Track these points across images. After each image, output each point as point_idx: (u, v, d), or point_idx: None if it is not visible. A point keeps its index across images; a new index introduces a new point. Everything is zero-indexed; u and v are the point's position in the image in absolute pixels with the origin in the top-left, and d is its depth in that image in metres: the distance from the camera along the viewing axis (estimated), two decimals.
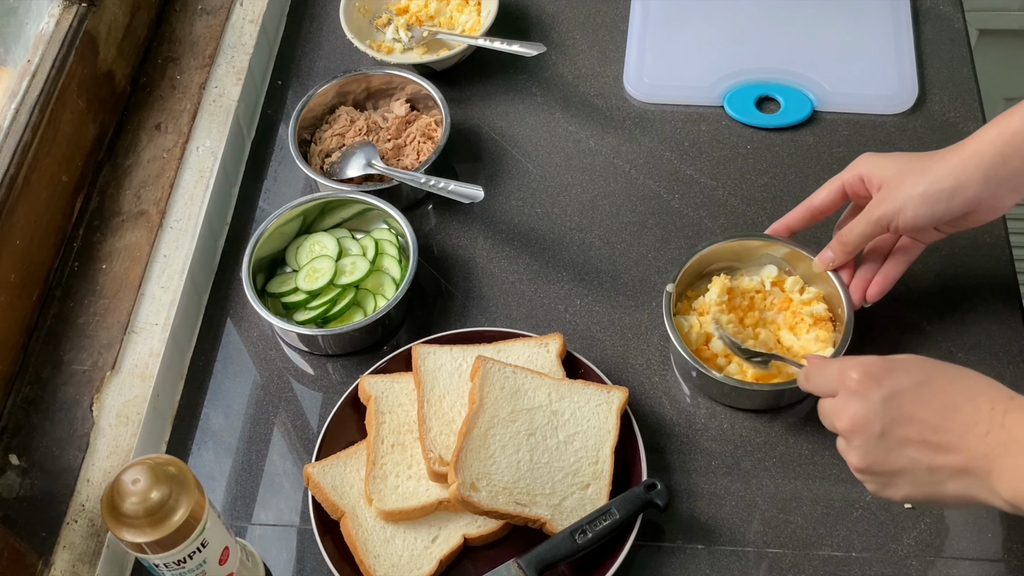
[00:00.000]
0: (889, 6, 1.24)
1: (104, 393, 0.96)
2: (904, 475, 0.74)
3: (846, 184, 0.94)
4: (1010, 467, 0.69)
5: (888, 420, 0.73)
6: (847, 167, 0.94)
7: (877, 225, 0.90)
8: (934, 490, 0.73)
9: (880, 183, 0.90)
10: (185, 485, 0.75)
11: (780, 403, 0.97)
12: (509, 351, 0.97)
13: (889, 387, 0.74)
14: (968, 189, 0.86)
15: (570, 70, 1.23)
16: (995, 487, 0.69)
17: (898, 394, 0.74)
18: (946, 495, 0.73)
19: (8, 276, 0.94)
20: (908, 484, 0.74)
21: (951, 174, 0.86)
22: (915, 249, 0.95)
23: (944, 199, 0.87)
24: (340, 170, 1.12)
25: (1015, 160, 0.85)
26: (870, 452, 0.75)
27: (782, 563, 0.89)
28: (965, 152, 0.87)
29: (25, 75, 1.01)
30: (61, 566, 0.86)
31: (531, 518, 0.86)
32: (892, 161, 0.91)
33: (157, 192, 1.09)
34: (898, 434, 0.73)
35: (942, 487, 0.72)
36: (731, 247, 1.00)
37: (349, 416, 0.96)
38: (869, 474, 0.76)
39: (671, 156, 1.15)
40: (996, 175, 0.85)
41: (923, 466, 0.73)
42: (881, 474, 0.75)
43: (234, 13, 1.25)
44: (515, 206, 1.12)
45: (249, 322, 1.06)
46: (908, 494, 0.74)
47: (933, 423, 0.72)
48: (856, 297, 0.96)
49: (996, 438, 0.70)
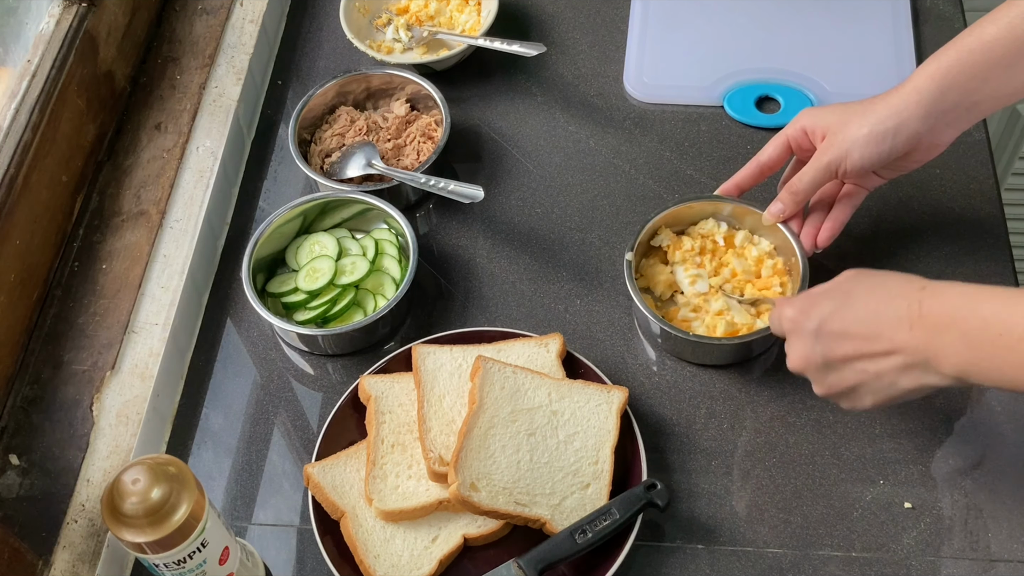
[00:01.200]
0: (889, 6, 1.24)
1: (104, 393, 0.96)
2: (861, 387, 0.80)
3: (790, 138, 0.96)
4: (943, 347, 0.74)
5: (825, 347, 0.80)
6: (789, 123, 0.97)
7: (827, 171, 0.93)
8: (892, 391, 0.78)
9: (824, 131, 0.93)
10: (185, 485, 0.75)
11: (749, 355, 0.99)
12: (509, 351, 0.97)
13: (816, 317, 0.81)
14: (910, 125, 0.89)
15: (570, 70, 1.23)
16: (939, 369, 0.74)
17: (825, 321, 0.80)
18: (905, 391, 0.78)
19: (8, 276, 0.94)
20: (868, 393, 0.80)
21: (893, 113, 0.89)
22: (859, 195, 0.98)
23: (889, 138, 0.89)
24: (340, 170, 1.12)
25: (952, 93, 0.87)
26: (824, 380, 0.82)
27: (782, 563, 0.89)
28: (905, 90, 0.89)
29: (25, 75, 1.01)
30: (61, 566, 0.86)
31: (531, 518, 0.86)
32: (833, 110, 0.94)
33: (157, 192, 1.09)
34: (838, 355, 0.79)
35: (897, 386, 0.78)
36: (681, 211, 1.03)
37: (349, 416, 0.96)
38: (834, 397, 0.83)
39: (671, 156, 1.15)
40: (936, 109, 0.88)
41: (871, 375, 0.78)
42: (843, 394, 0.82)
43: (234, 13, 1.25)
44: (515, 206, 1.12)
45: (249, 322, 1.06)
46: (875, 402, 0.80)
47: (864, 334, 0.78)
48: (807, 244, 0.99)
49: (921, 330, 0.75)
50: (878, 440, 0.94)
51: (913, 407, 0.95)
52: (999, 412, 0.95)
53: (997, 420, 0.95)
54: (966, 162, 1.10)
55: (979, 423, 0.95)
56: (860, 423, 0.95)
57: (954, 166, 1.10)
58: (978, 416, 0.95)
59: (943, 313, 0.74)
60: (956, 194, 1.09)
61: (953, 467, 0.93)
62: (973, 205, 1.08)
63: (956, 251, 1.05)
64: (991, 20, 0.86)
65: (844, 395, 0.82)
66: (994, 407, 0.95)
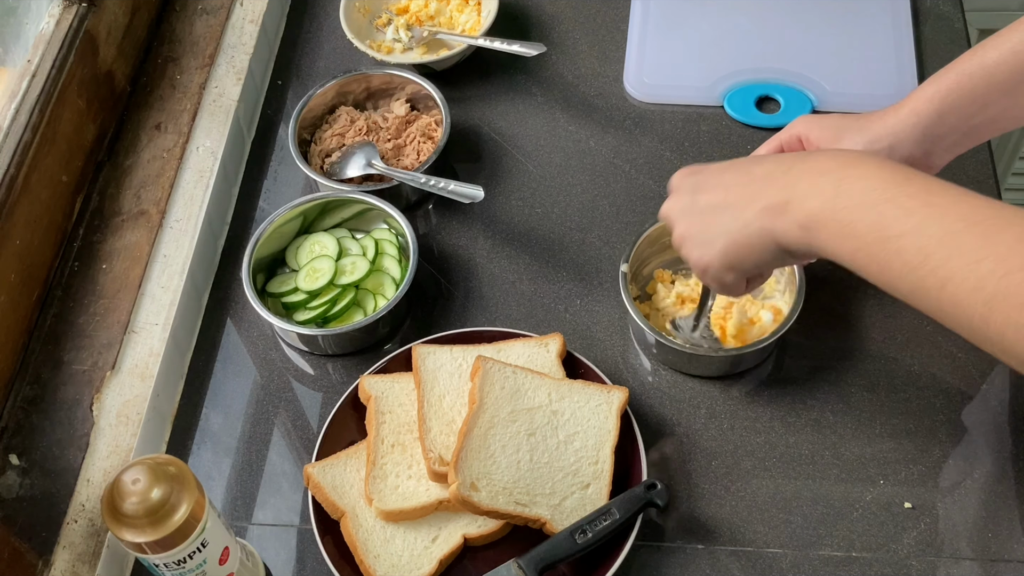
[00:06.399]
0: (889, 6, 1.24)
1: (104, 393, 0.96)
2: (716, 227, 0.80)
3: (784, 143, 0.95)
4: (806, 189, 0.73)
5: (697, 187, 0.83)
6: (785, 127, 0.95)
7: None
8: (740, 236, 0.78)
9: (818, 143, 0.92)
10: (185, 485, 0.75)
11: (739, 368, 0.98)
12: (509, 351, 0.97)
13: (699, 170, 0.84)
14: (904, 147, 0.87)
15: (570, 70, 1.23)
16: (792, 214, 0.74)
17: (705, 170, 0.83)
18: (752, 239, 0.77)
19: (8, 276, 0.94)
20: (720, 236, 0.80)
21: (889, 133, 0.88)
22: None
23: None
24: (340, 170, 1.12)
25: (951, 117, 0.86)
26: (686, 216, 0.83)
27: (782, 563, 0.89)
28: (902, 112, 0.88)
29: (25, 75, 1.01)
30: (61, 566, 0.86)
31: (531, 518, 0.86)
32: (830, 122, 0.92)
33: (157, 192, 1.09)
34: (708, 197, 0.81)
35: (748, 230, 0.77)
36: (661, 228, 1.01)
37: (349, 416, 0.96)
38: (689, 238, 0.83)
39: (671, 156, 1.15)
40: (932, 133, 0.87)
41: (730, 215, 0.79)
42: (697, 234, 0.82)
43: (234, 13, 1.25)
44: (515, 206, 1.12)
45: (249, 322, 1.06)
46: (723, 247, 0.80)
47: (739, 180, 0.79)
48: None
49: (799, 170, 0.75)
50: (878, 440, 0.94)
51: (913, 407, 0.96)
52: (999, 412, 0.95)
53: (997, 420, 0.95)
54: (966, 162, 1.10)
55: (979, 423, 0.95)
56: (860, 423, 0.95)
57: (954, 166, 1.09)
58: (978, 416, 0.95)
59: (827, 159, 0.74)
60: None
61: (953, 467, 0.93)
62: None
63: None
64: (993, 45, 0.85)
65: (698, 238, 0.82)
66: (994, 407, 0.95)
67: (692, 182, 0.84)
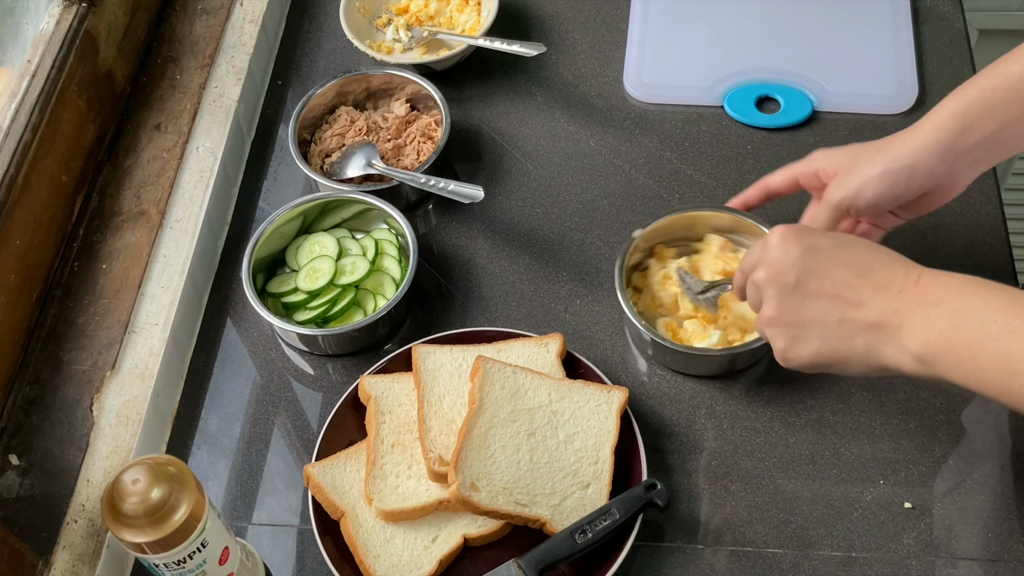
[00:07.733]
0: (889, 6, 1.24)
1: (104, 393, 0.96)
2: (813, 327, 0.76)
3: (800, 177, 0.94)
4: (921, 319, 0.71)
5: (803, 271, 0.76)
6: (803, 160, 0.94)
7: (837, 209, 0.90)
8: (841, 345, 0.75)
9: (835, 170, 0.90)
10: (185, 485, 0.75)
11: (736, 367, 0.98)
12: (509, 351, 0.97)
13: (808, 243, 0.77)
14: (927, 164, 0.85)
15: (570, 70, 1.23)
16: (904, 342, 0.71)
17: (817, 249, 0.77)
18: (853, 352, 0.74)
19: (8, 276, 0.94)
20: (817, 338, 0.76)
21: (910, 152, 0.86)
22: (875, 235, 0.95)
23: (904, 177, 0.86)
24: (340, 170, 1.12)
25: (974, 132, 0.84)
26: (783, 301, 0.77)
27: (782, 563, 0.89)
28: (923, 129, 0.86)
29: (25, 75, 1.01)
30: (61, 566, 0.86)
31: (531, 518, 0.86)
32: (846, 150, 0.91)
33: (157, 192, 1.09)
34: (812, 286, 0.76)
35: (850, 342, 0.74)
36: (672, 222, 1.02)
37: (349, 416, 0.96)
38: (781, 325, 0.78)
39: (671, 156, 1.15)
40: (955, 149, 0.85)
41: (833, 319, 0.75)
42: (792, 325, 0.77)
43: (234, 13, 1.25)
44: (515, 206, 1.12)
45: (249, 322, 1.06)
46: (817, 349, 0.76)
47: (847, 279, 0.75)
48: None
49: (910, 295, 0.72)
50: (878, 440, 0.94)
51: (913, 407, 0.96)
52: (999, 412, 0.95)
53: (997, 420, 0.95)
54: None
55: (979, 423, 0.95)
56: (860, 423, 0.95)
57: None
58: (978, 416, 0.95)
59: (939, 288, 0.72)
60: None
61: (953, 467, 0.93)
62: (973, 205, 1.08)
63: (956, 251, 1.05)
64: (1015, 58, 0.83)
65: (792, 328, 0.77)
66: (994, 407, 0.95)
67: (798, 258, 0.77)
